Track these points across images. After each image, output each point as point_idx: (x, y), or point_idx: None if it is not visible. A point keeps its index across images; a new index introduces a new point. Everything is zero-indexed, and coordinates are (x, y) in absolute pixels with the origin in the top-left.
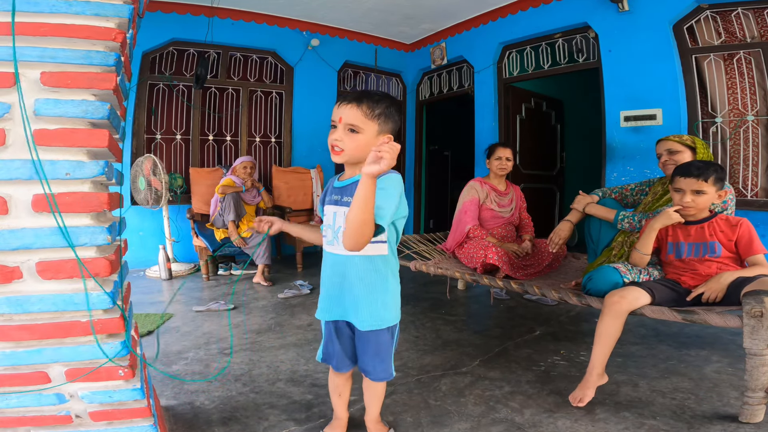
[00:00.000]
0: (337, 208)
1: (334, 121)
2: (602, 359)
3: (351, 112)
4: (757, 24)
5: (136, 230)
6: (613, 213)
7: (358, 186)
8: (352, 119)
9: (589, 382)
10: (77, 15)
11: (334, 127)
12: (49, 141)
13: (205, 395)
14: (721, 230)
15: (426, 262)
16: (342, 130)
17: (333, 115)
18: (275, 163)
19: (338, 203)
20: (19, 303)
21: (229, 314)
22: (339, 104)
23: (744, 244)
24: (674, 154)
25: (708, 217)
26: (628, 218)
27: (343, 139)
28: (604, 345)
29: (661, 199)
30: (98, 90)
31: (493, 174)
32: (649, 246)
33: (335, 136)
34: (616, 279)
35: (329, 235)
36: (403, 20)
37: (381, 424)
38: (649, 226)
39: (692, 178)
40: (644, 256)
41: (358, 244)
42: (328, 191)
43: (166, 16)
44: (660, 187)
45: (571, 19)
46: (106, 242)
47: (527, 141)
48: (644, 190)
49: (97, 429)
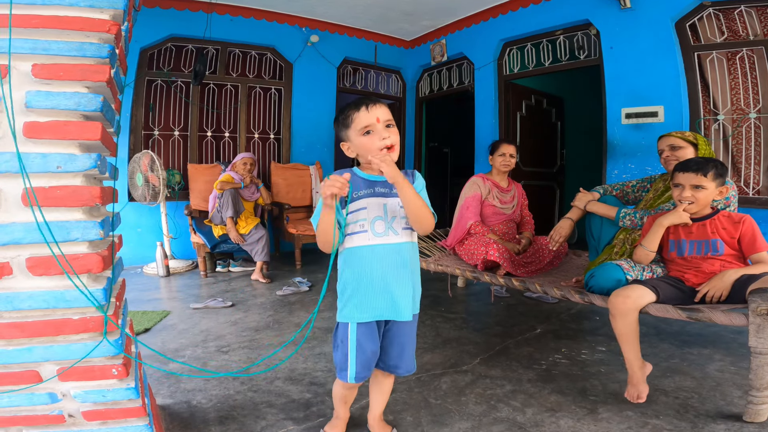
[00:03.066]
0: (387, 200)
1: (369, 125)
2: (634, 354)
3: (383, 110)
4: (760, 22)
5: (133, 227)
6: (615, 210)
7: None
8: (388, 115)
9: (635, 377)
10: (70, 6)
11: (368, 133)
12: (40, 133)
13: (202, 394)
14: (723, 227)
15: (426, 259)
16: (383, 127)
17: (363, 120)
18: (274, 159)
19: (388, 195)
20: (8, 300)
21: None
22: (367, 108)
23: (747, 241)
24: (676, 150)
25: (710, 214)
26: (629, 215)
27: (390, 135)
28: (627, 343)
29: (663, 196)
30: (91, 82)
31: (496, 170)
32: (656, 243)
33: (385, 134)
34: (619, 276)
35: (380, 227)
36: (403, 16)
37: (383, 423)
38: (657, 222)
39: (691, 172)
40: (650, 253)
41: (431, 226)
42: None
43: (164, 12)
44: (661, 183)
45: (572, 16)
46: (98, 237)
47: (527, 138)
48: (645, 187)
49: (91, 429)
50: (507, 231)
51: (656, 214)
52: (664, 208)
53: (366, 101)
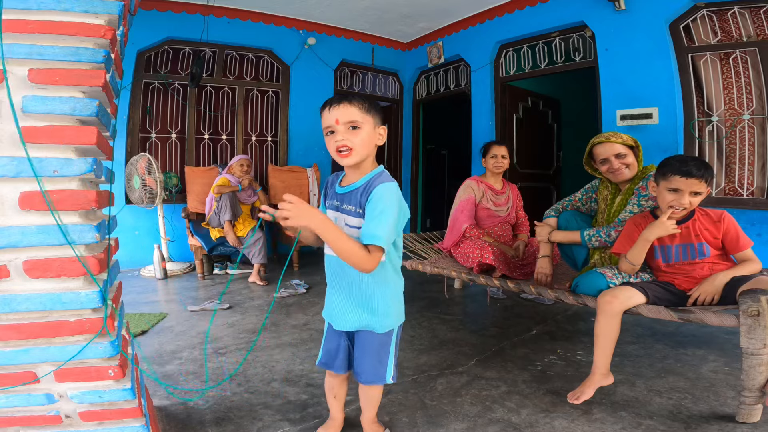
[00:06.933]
0: (337, 214)
1: (330, 126)
2: (604, 360)
3: (347, 111)
4: (754, 23)
5: (131, 229)
6: (577, 235)
7: (323, 233)
8: (351, 116)
9: (591, 381)
10: (66, 12)
11: (331, 132)
12: (36, 138)
13: (198, 395)
14: (705, 228)
15: (422, 261)
16: (344, 129)
17: (325, 121)
18: (271, 162)
19: (338, 209)
20: (6, 302)
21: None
22: (329, 108)
23: (730, 240)
24: (623, 158)
25: (690, 215)
26: (594, 236)
27: (349, 137)
28: (602, 345)
29: (614, 205)
30: (87, 87)
31: (489, 172)
32: (641, 257)
33: (339, 137)
34: (602, 286)
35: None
36: (400, 19)
37: (377, 425)
38: (643, 237)
39: (695, 178)
40: (635, 267)
41: (366, 267)
42: (328, 193)
43: (161, 15)
44: (606, 191)
45: (567, 18)
46: (94, 240)
47: (524, 140)
48: (592, 197)
49: (87, 429)
50: (502, 233)
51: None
52: (625, 217)
53: (331, 101)
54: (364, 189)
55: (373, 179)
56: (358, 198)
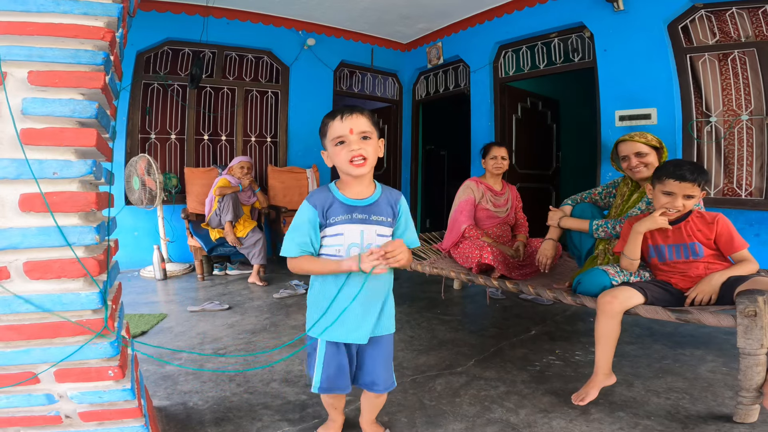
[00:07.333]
0: (364, 226)
1: (342, 136)
2: (605, 360)
3: (360, 121)
4: (752, 24)
5: (130, 230)
6: (587, 224)
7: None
8: (364, 126)
9: (594, 382)
10: (65, 14)
11: (342, 143)
12: (36, 140)
13: (198, 395)
14: (698, 229)
15: (422, 262)
16: (357, 139)
17: (336, 131)
18: (271, 162)
19: (366, 222)
20: (6, 303)
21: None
22: (341, 118)
23: (725, 241)
24: (643, 157)
25: (684, 216)
26: (602, 226)
27: (363, 147)
28: (603, 346)
29: (629, 201)
30: (86, 89)
31: (488, 173)
32: (636, 251)
33: (354, 147)
34: (605, 282)
35: (354, 254)
36: (400, 20)
37: (376, 425)
38: (633, 230)
39: (688, 182)
40: (633, 261)
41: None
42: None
43: (160, 16)
44: (625, 187)
45: (566, 19)
46: (94, 242)
47: (523, 140)
48: (611, 192)
49: (87, 429)
50: (501, 234)
51: (633, 217)
52: (633, 213)
53: (343, 111)
54: (387, 200)
55: (387, 189)
56: (386, 208)
